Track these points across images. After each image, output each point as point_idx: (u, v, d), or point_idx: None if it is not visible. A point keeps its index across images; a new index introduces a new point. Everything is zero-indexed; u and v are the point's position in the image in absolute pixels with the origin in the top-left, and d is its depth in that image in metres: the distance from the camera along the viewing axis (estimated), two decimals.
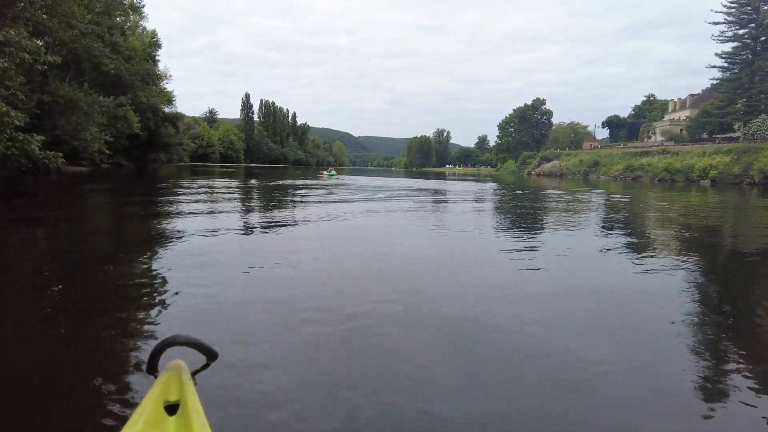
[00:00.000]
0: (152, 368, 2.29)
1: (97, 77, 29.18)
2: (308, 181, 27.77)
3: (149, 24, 50.91)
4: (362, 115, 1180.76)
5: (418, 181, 38.17)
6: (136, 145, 44.00)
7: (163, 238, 7.04)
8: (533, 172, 73.40)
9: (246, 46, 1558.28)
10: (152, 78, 42.57)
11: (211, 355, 2.51)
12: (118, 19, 29.97)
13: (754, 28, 53.47)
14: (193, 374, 2.11)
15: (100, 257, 5.75)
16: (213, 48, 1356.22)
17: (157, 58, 45.44)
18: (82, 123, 24.89)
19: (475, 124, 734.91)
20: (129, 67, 32.65)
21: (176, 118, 56.55)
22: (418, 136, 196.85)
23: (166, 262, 5.31)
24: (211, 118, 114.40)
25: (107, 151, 28.88)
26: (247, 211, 11.87)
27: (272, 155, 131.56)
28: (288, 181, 28.00)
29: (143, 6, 36.97)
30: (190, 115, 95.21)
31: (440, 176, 58.97)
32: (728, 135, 57.31)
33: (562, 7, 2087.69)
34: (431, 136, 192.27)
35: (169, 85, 52.05)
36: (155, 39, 44.18)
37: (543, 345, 3.17)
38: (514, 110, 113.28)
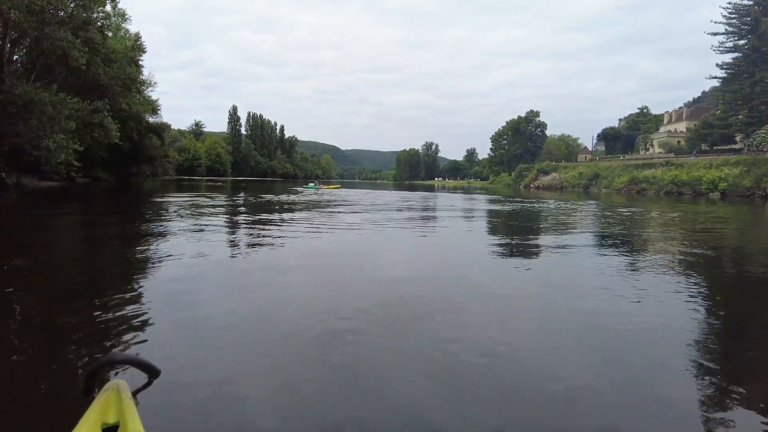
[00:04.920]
0: (89, 390, 2.11)
1: (68, 78, 25.77)
2: (298, 198, 25.23)
3: (132, 27, 47.49)
4: (349, 128, 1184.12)
5: (410, 195, 36.15)
6: (117, 157, 41.21)
7: (136, 266, 6.32)
8: (532, 185, 71.65)
9: (231, 61, 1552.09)
10: (135, 84, 39.61)
11: (152, 373, 2.35)
12: (95, 14, 26.87)
13: (756, 39, 52.62)
14: (135, 393, 1.98)
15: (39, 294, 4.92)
16: (198, 62, 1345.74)
17: (140, 63, 42.55)
18: (45, 128, 21.13)
19: (461, 137, 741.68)
20: (108, 70, 29.69)
21: (161, 129, 53.55)
22: (407, 149, 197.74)
23: (140, 288, 4.99)
24: (197, 131, 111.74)
25: (76, 163, 25.27)
26: (233, 231, 10.68)
27: (260, 168, 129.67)
28: (275, 197, 25.62)
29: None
30: (176, 128, 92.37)
31: (430, 189, 57.12)
32: (730, 146, 56.28)
33: (544, 23, 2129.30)
34: (420, 149, 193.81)
35: (153, 94, 49.17)
36: (139, 42, 41.22)
37: (535, 368, 3.12)
38: (507, 122, 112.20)
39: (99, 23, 28.24)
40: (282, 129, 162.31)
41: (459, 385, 2.84)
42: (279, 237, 9.30)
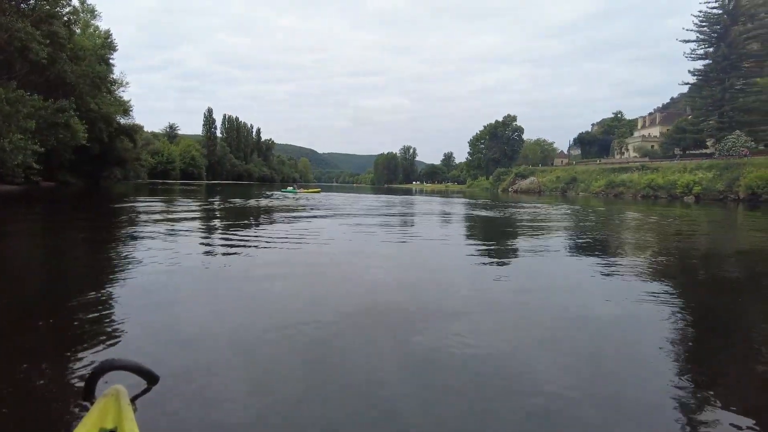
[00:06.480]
0: (89, 394, 2.16)
1: (30, 74, 23.96)
2: (276, 203, 24.07)
3: (104, 24, 44.99)
4: (327, 132, 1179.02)
5: (390, 199, 35.66)
6: (86, 159, 39.47)
7: (106, 273, 6.02)
8: (510, 189, 72.07)
9: (208, 63, 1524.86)
10: (105, 83, 37.90)
11: (151, 379, 2.38)
12: (58, 9, 25.10)
13: (725, 47, 53.99)
14: (133, 399, 2.02)
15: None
16: (174, 64, 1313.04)
17: (111, 61, 40.82)
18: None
19: (439, 141, 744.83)
20: (75, 68, 28.14)
21: (133, 131, 51.68)
22: (384, 153, 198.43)
23: (113, 293, 4.83)
24: (171, 134, 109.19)
25: (36, 165, 23.37)
26: (207, 238, 10.00)
27: (235, 171, 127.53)
28: (252, 202, 24.48)
29: None
30: (150, 130, 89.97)
31: (408, 193, 57.10)
32: (701, 151, 57.57)
33: (521, 30, 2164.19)
34: (398, 153, 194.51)
35: (125, 94, 47.33)
36: (109, 40, 39.49)
37: (512, 368, 3.16)
38: (484, 127, 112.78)
39: (65, 18, 26.72)
40: (258, 132, 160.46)
41: (437, 384, 2.88)
42: (256, 245, 8.66)
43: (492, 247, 9.75)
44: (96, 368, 2.29)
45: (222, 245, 8.61)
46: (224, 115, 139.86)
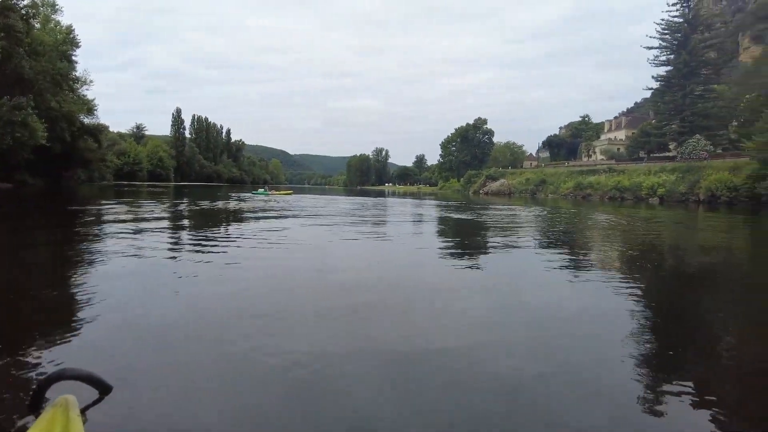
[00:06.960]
0: (36, 406, 2.04)
1: None
2: (245, 205, 23.41)
3: (65, 19, 42.76)
4: (299, 133, 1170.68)
5: (364, 201, 35.56)
6: (47, 159, 37.84)
7: (65, 275, 5.76)
8: (481, 191, 72.90)
9: (178, 63, 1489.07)
10: (66, 81, 36.39)
11: (104, 389, 2.28)
12: (15, 1, 23.82)
13: (686, 54, 56.04)
14: (84, 410, 1.93)
15: None
16: (141, 63, 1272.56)
17: (74, 58, 39.22)
18: None
19: (412, 144, 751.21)
20: (34, 64, 26.87)
21: (97, 130, 49.92)
22: (357, 154, 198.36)
23: (68, 298, 4.69)
24: (138, 134, 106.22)
25: None
26: (174, 240, 9.78)
27: (205, 173, 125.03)
28: (221, 204, 23.87)
29: None
30: (116, 131, 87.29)
31: (381, 195, 57.33)
32: (665, 154, 59.51)
33: (495, 34, 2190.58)
34: (370, 154, 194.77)
35: (89, 93, 45.60)
36: (72, 36, 37.84)
37: (483, 362, 3.21)
38: (456, 129, 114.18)
39: (23, 11, 25.45)
40: (228, 132, 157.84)
41: (410, 380, 2.89)
42: (225, 248, 8.40)
43: (466, 248, 9.81)
44: (44, 378, 2.16)
45: (188, 249, 8.35)
46: (193, 116, 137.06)
